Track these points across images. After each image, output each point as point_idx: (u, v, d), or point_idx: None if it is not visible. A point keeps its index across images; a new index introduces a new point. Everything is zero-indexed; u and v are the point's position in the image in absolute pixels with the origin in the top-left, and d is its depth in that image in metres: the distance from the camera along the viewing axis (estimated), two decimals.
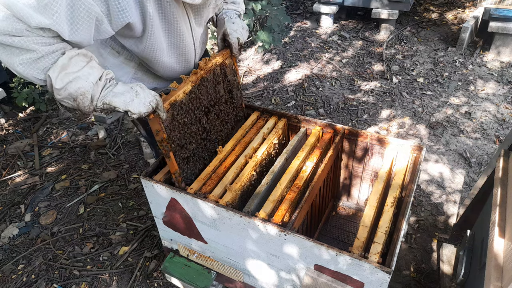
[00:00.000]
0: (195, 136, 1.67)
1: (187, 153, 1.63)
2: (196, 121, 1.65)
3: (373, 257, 1.31)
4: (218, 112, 1.80)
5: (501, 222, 1.43)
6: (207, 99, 1.70)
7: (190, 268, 1.87)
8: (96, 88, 1.27)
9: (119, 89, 1.32)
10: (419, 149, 1.74)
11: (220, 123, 1.83)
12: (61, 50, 1.22)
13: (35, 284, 2.26)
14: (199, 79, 1.63)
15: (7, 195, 2.87)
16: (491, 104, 3.43)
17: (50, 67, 1.21)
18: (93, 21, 1.21)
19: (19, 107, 3.71)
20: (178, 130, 1.56)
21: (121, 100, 1.30)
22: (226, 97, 1.83)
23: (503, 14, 3.85)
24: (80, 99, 1.25)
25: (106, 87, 1.30)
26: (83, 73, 1.24)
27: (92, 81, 1.25)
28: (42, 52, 1.17)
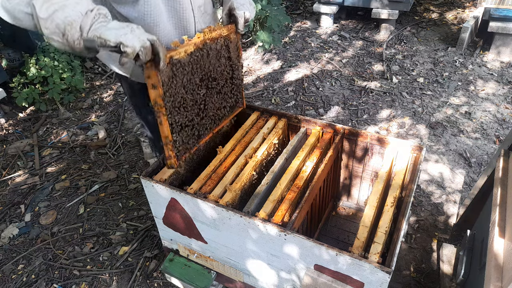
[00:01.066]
0: (193, 106, 1.57)
1: (181, 119, 1.51)
2: (195, 88, 1.56)
3: (373, 257, 1.31)
4: (219, 88, 1.73)
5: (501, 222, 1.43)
6: (208, 69, 1.62)
7: (190, 268, 1.87)
8: (85, 19, 1.14)
9: (113, 25, 1.18)
10: (419, 149, 1.74)
11: (219, 101, 1.74)
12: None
13: (35, 284, 2.26)
14: (202, 44, 1.54)
15: (7, 195, 2.87)
16: (491, 104, 3.43)
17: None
18: None
19: (19, 107, 3.71)
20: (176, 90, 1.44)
21: (113, 33, 1.15)
22: (227, 75, 1.76)
23: (503, 14, 3.85)
24: (68, 30, 1.13)
25: (98, 20, 1.17)
26: (69, 2, 1.13)
27: (80, 11, 1.14)
28: None
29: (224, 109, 1.80)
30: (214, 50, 1.64)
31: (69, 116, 3.66)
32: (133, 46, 1.16)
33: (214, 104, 1.72)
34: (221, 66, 1.71)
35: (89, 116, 3.65)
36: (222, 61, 1.70)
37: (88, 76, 4.20)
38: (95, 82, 4.11)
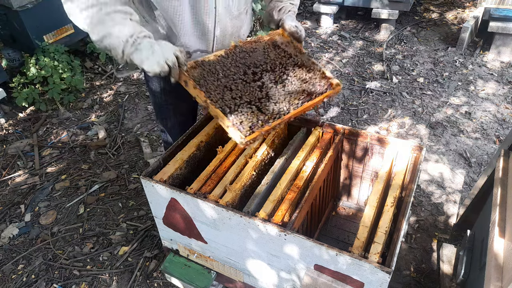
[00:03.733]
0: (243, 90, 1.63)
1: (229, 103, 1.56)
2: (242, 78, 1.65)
3: (373, 257, 1.31)
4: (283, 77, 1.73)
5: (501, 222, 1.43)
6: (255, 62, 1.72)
7: (190, 268, 1.87)
8: (126, 46, 1.37)
9: (142, 46, 1.38)
10: (419, 149, 1.74)
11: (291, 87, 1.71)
12: (100, 5, 1.33)
13: (35, 284, 2.26)
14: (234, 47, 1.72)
15: (7, 195, 2.87)
16: (491, 104, 3.43)
17: (90, 20, 1.35)
18: None
19: (19, 107, 3.71)
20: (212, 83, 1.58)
21: (138, 57, 1.38)
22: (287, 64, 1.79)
23: (503, 14, 3.85)
24: (113, 52, 1.40)
25: (135, 44, 1.37)
26: (115, 30, 1.35)
27: (122, 39, 1.35)
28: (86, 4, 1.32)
29: (302, 94, 1.71)
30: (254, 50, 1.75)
31: (69, 116, 3.66)
32: (153, 71, 1.39)
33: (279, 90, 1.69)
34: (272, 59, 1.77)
35: (89, 116, 3.66)
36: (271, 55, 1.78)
37: (88, 76, 4.20)
38: (95, 82, 4.11)
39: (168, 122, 2.09)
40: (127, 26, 1.37)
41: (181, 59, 1.44)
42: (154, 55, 1.38)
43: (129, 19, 1.39)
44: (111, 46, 1.38)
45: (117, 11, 1.36)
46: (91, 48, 4.16)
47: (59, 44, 3.81)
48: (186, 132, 1.83)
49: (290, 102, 1.65)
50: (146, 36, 1.41)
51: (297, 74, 1.75)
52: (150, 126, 3.47)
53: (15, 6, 3.41)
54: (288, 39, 1.86)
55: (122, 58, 1.41)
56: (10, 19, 3.57)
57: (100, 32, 1.36)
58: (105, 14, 1.34)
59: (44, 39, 3.71)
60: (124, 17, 1.38)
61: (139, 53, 1.38)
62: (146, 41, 1.40)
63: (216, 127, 1.91)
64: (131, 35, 1.37)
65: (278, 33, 1.87)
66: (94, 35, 1.38)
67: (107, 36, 1.36)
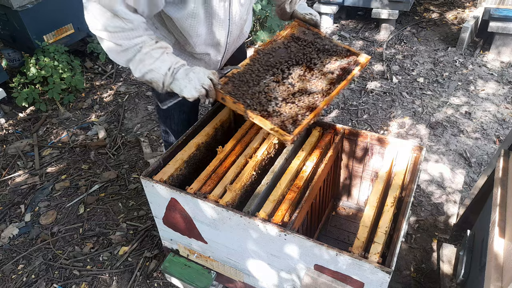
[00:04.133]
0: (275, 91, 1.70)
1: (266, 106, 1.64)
2: (272, 78, 1.73)
3: (373, 257, 1.31)
4: (309, 63, 1.80)
5: (501, 222, 1.43)
6: (280, 60, 1.79)
7: (190, 268, 1.87)
8: (165, 78, 1.51)
9: (178, 75, 1.52)
10: (419, 149, 1.74)
11: (315, 81, 1.77)
12: (139, 45, 1.47)
13: (35, 284, 2.26)
14: (256, 53, 1.80)
15: (7, 195, 2.87)
16: (491, 104, 3.43)
17: (131, 59, 1.49)
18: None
19: (19, 107, 3.71)
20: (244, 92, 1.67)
21: (177, 87, 1.53)
22: (311, 51, 1.84)
23: (503, 14, 3.85)
24: (154, 85, 1.55)
25: (172, 75, 1.52)
26: (155, 66, 1.50)
27: (162, 73, 1.50)
28: (125, 46, 1.46)
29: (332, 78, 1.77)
30: (276, 48, 1.81)
31: (69, 116, 3.66)
32: (192, 96, 1.53)
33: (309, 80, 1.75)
34: (295, 52, 1.83)
35: (89, 116, 3.65)
36: (293, 49, 1.84)
37: (88, 76, 4.20)
38: (95, 82, 4.11)
39: (172, 123, 2.11)
40: (165, 61, 1.51)
41: (215, 80, 1.55)
42: (191, 83, 1.50)
43: (165, 53, 1.52)
44: (152, 80, 1.53)
45: (155, 48, 1.49)
46: (91, 48, 4.16)
47: (59, 44, 3.81)
48: (186, 132, 1.83)
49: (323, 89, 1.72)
50: (181, 65, 1.54)
51: (323, 59, 1.81)
52: (150, 126, 3.47)
53: (15, 6, 3.41)
54: (304, 27, 1.90)
55: (162, 89, 1.55)
56: (10, 19, 3.57)
57: (141, 70, 1.50)
58: (144, 53, 1.48)
59: (44, 39, 3.71)
60: (161, 52, 1.51)
61: (177, 83, 1.52)
62: (182, 70, 1.52)
63: (216, 127, 1.91)
64: (169, 68, 1.50)
65: (294, 25, 1.92)
66: (136, 72, 1.52)
67: (148, 72, 1.51)
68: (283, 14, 1.99)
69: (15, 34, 3.69)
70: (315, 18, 1.90)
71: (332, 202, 2.27)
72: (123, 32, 1.43)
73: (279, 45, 1.86)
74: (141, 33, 1.48)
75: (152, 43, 1.50)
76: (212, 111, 1.97)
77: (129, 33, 1.45)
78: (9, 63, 3.97)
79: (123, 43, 1.45)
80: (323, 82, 1.74)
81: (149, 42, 1.50)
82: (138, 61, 1.49)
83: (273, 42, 1.87)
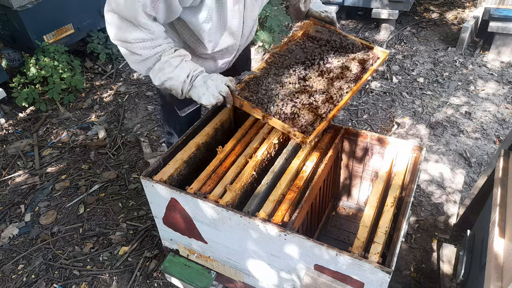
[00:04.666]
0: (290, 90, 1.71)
1: (283, 108, 1.68)
2: (291, 80, 1.74)
3: (373, 257, 1.30)
4: (322, 70, 1.80)
5: (501, 222, 1.43)
6: (291, 64, 1.79)
7: (190, 268, 1.87)
8: (184, 85, 1.56)
9: (196, 83, 1.56)
10: (419, 149, 1.74)
11: (333, 81, 1.78)
12: (159, 54, 1.51)
13: (35, 284, 2.26)
14: (272, 56, 1.81)
15: (7, 195, 2.87)
16: (491, 104, 3.43)
17: (151, 68, 1.54)
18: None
19: (19, 107, 3.71)
20: (259, 95, 1.70)
21: (195, 94, 1.57)
22: (324, 53, 1.85)
23: (503, 14, 3.85)
24: (174, 92, 1.59)
25: (191, 82, 1.56)
26: (174, 75, 1.53)
27: (181, 81, 1.54)
28: (145, 56, 1.50)
29: (350, 75, 1.80)
30: (292, 49, 1.81)
31: (69, 116, 3.66)
32: (210, 103, 1.57)
33: (327, 80, 1.76)
34: (311, 52, 1.83)
35: (89, 116, 3.65)
36: (309, 49, 1.84)
37: (88, 76, 4.20)
38: (95, 82, 4.11)
39: (176, 124, 2.14)
40: (184, 68, 1.54)
41: (232, 87, 1.59)
42: (209, 90, 1.54)
43: (184, 61, 1.56)
44: (172, 87, 1.57)
45: (174, 56, 1.53)
46: (91, 48, 4.16)
47: (59, 44, 3.81)
48: (186, 132, 1.83)
49: (341, 88, 1.71)
50: (200, 72, 1.57)
51: (340, 57, 1.80)
52: (150, 126, 3.47)
53: (15, 6, 3.41)
54: (320, 25, 1.89)
55: (181, 95, 1.59)
56: (10, 19, 3.57)
57: (161, 78, 1.55)
58: (164, 62, 1.52)
59: (44, 39, 3.71)
60: (180, 60, 1.55)
61: (196, 90, 1.56)
62: (200, 77, 1.56)
63: (215, 127, 1.91)
64: (188, 75, 1.54)
65: (309, 24, 1.91)
66: (156, 80, 1.56)
67: (168, 80, 1.55)
68: (298, 13, 1.98)
69: (15, 34, 3.69)
70: (331, 16, 1.89)
71: (332, 202, 2.27)
72: (143, 42, 1.47)
73: (295, 45, 1.85)
74: (160, 42, 1.51)
75: (171, 51, 1.54)
76: (212, 111, 1.97)
77: (149, 43, 1.48)
78: (9, 63, 3.96)
79: (143, 52, 1.49)
80: (341, 81, 1.74)
81: (168, 50, 1.53)
82: (157, 70, 1.53)
83: (288, 43, 1.86)
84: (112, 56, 4.32)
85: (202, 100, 1.57)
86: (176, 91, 1.58)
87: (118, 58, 4.38)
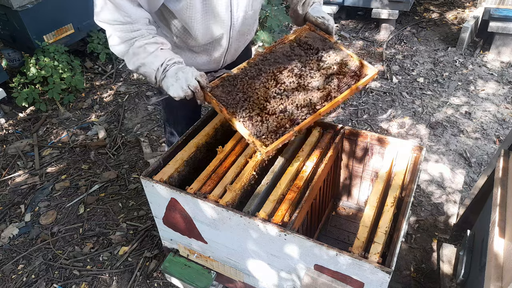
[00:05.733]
0: (265, 97, 1.62)
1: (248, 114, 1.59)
2: (271, 85, 1.65)
3: (373, 257, 1.30)
4: (302, 82, 1.68)
5: (501, 222, 1.43)
6: (272, 69, 1.68)
7: (190, 268, 1.87)
8: (157, 73, 1.53)
9: (168, 73, 1.52)
10: (419, 149, 1.74)
11: (309, 95, 1.65)
12: (135, 39, 1.50)
13: (35, 284, 2.26)
14: (256, 55, 1.73)
15: (7, 195, 2.87)
16: (491, 104, 3.43)
17: (126, 52, 1.52)
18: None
19: (19, 107, 3.71)
20: (234, 96, 1.62)
21: (165, 84, 1.53)
22: (310, 62, 1.72)
23: (503, 14, 3.85)
24: (148, 79, 1.57)
25: (164, 71, 1.52)
26: (147, 61, 1.51)
27: (154, 68, 1.52)
28: (122, 38, 1.49)
29: (331, 86, 1.67)
30: (278, 53, 1.72)
31: (69, 116, 3.66)
32: (178, 95, 1.51)
33: (304, 94, 1.64)
34: (297, 59, 1.72)
35: (89, 116, 3.65)
36: (296, 55, 1.74)
37: (88, 76, 4.20)
38: (95, 82, 4.11)
39: (177, 124, 2.13)
40: (158, 56, 1.51)
41: (202, 82, 1.53)
42: (178, 82, 1.50)
43: (160, 49, 1.53)
44: (145, 74, 1.55)
45: (149, 43, 1.50)
46: (91, 48, 4.16)
47: (59, 44, 3.81)
48: (186, 132, 1.83)
49: (315, 103, 1.61)
50: (175, 62, 1.53)
51: (323, 69, 1.69)
52: (150, 126, 3.47)
53: (15, 6, 3.41)
54: (314, 32, 1.79)
55: (156, 84, 1.56)
56: (10, 19, 3.57)
57: (135, 63, 1.53)
58: (138, 46, 1.49)
59: (44, 39, 3.71)
60: (156, 47, 1.52)
61: (166, 80, 1.52)
62: (173, 68, 1.52)
63: (215, 127, 1.91)
64: (162, 64, 1.51)
65: (304, 29, 1.81)
66: (130, 65, 1.54)
67: (142, 66, 1.53)
68: (296, 17, 1.88)
69: (15, 34, 3.69)
70: (327, 23, 1.77)
71: (332, 202, 2.27)
72: (122, 25, 1.46)
73: (282, 49, 1.75)
74: (139, 27, 1.49)
75: (149, 37, 1.52)
76: (212, 111, 1.97)
77: (128, 26, 1.47)
78: (9, 63, 3.96)
79: (121, 35, 1.48)
80: (319, 94, 1.62)
81: (146, 36, 1.51)
82: (132, 55, 1.52)
83: (276, 46, 1.78)
84: (112, 56, 4.32)
85: (170, 91, 1.53)
86: (150, 79, 1.56)
87: (118, 58, 4.38)
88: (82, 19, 3.98)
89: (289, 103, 1.62)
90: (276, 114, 1.59)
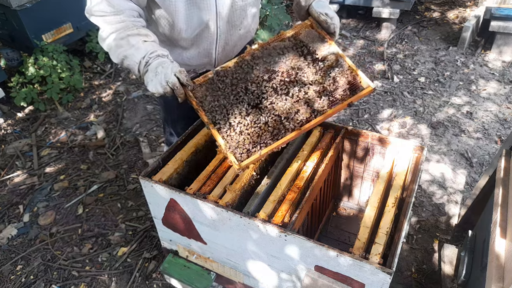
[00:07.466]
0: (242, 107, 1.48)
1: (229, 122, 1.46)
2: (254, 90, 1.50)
3: (374, 258, 1.29)
4: (290, 90, 1.51)
5: (503, 222, 1.42)
6: (260, 72, 1.52)
7: (189, 269, 1.86)
8: (140, 67, 1.47)
9: (150, 67, 1.46)
10: (421, 149, 1.73)
11: (295, 106, 1.50)
12: (120, 30, 1.46)
13: (34, 284, 2.25)
14: (247, 53, 1.56)
15: (6, 195, 2.86)
16: (493, 103, 3.42)
17: (110, 44, 1.49)
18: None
19: (18, 106, 3.69)
20: (213, 102, 1.49)
21: (146, 79, 1.47)
22: (302, 67, 1.55)
23: (505, 14, 3.84)
24: (132, 72, 1.53)
25: (146, 65, 1.46)
26: (129, 53, 1.47)
27: (136, 61, 1.46)
28: (108, 31, 1.47)
29: (321, 98, 1.53)
30: (271, 52, 1.55)
31: (68, 116, 3.64)
32: (157, 91, 1.44)
33: (289, 103, 1.50)
34: (290, 61, 1.54)
35: (88, 116, 3.64)
36: (290, 57, 1.55)
37: (86, 75, 4.19)
38: (94, 81, 4.10)
39: (176, 123, 2.10)
40: (140, 49, 1.46)
41: (182, 79, 1.44)
42: (157, 77, 1.43)
43: (143, 40, 1.48)
44: (129, 67, 1.50)
45: (132, 34, 1.46)
46: (90, 47, 4.15)
47: (57, 43, 3.80)
48: (185, 132, 1.82)
49: (299, 118, 1.48)
50: (158, 55, 1.47)
51: (315, 77, 1.51)
52: (149, 126, 3.46)
53: (14, 5, 3.40)
54: (314, 30, 1.59)
55: (139, 77, 1.51)
56: (9, 18, 3.56)
57: (119, 55, 1.48)
58: (121, 38, 1.46)
59: (43, 39, 3.70)
60: (139, 40, 1.47)
61: (147, 75, 1.46)
62: (155, 62, 1.45)
63: None
64: (143, 57, 1.45)
65: (304, 25, 1.61)
66: (114, 58, 1.51)
67: (125, 59, 1.48)
68: (299, 9, 1.70)
69: (14, 33, 3.68)
70: (330, 21, 1.56)
71: (333, 202, 2.26)
72: (106, 16, 1.46)
73: (275, 47, 1.57)
74: (123, 19, 1.47)
75: (133, 29, 1.48)
76: None
77: (112, 17, 1.46)
78: (7, 63, 3.95)
79: (106, 27, 1.47)
80: (304, 108, 1.47)
81: (130, 28, 1.48)
82: (115, 46, 1.48)
83: (270, 43, 1.60)
84: None
85: (149, 86, 1.45)
86: (133, 72, 1.51)
87: None
88: (80, 19, 3.96)
89: (272, 115, 1.46)
90: (256, 125, 1.45)
